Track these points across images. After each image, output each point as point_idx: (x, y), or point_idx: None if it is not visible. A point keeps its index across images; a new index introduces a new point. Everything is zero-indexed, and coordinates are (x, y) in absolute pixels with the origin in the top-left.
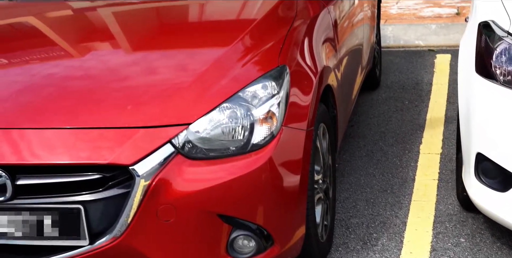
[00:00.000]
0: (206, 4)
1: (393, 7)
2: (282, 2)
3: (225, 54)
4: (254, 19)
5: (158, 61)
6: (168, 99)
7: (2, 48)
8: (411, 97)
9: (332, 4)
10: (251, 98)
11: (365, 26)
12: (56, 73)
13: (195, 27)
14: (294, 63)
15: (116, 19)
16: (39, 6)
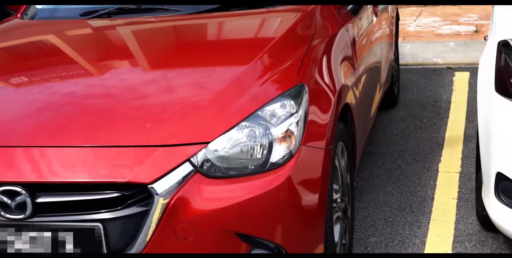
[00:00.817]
0: (225, 23)
1: (411, 25)
2: (301, 21)
3: (244, 73)
4: (273, 37)
5: (177, 79)
6: (187, 118)
7: (23, 66)
8: (429, 115)
9: (351, 22)
10: (269, 117)
11: (383, 44)
12: (76, 91)
13: (213, 45)
14: (312, 82)
15: (135, 38)
16: (59, 24)
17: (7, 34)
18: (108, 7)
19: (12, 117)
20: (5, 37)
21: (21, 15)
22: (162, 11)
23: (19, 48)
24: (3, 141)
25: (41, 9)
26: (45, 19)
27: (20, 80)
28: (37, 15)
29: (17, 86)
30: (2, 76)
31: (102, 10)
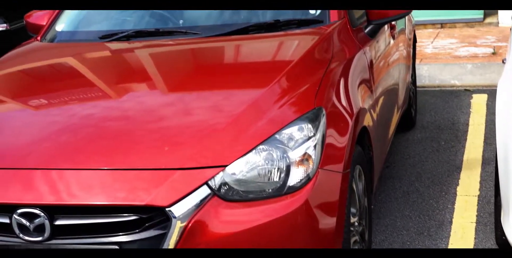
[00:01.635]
0: (243, 45)
1: (428, 47)
2: (318, 44)
3: (262, 96)
4: (291, 60)
5: (194, 102)
6: (204, 141)
7: (42, 88)
8: (447, 137)
9: (368, 45)
10: (287, 140)
11: (400, 66)
12: (94, 113)
13: (231, 68)
14: (330, 105)
15: (153, 61)
16: (78, 47)
17: (27, 56)
18: (127, 30)
19: (30, 139)
20: (24, 60)
21: (41, 38)
22: (180, 34)
23: (38, 71)
24: (22, 163)
25: (61, 32)
26: (64, 42)
27: (39, 102)
28: (57, 38)
29: (36, 108)
30: (21, 98)
31: (121, 33)
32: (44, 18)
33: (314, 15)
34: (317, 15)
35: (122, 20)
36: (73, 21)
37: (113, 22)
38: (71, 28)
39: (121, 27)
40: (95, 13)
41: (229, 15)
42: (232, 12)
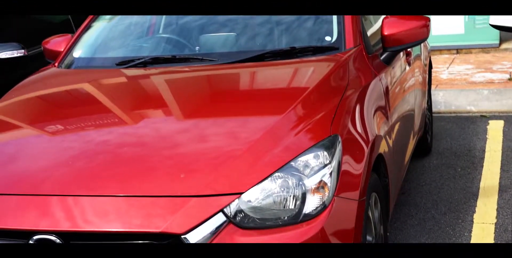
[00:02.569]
0: (259, 72)
1: (444, 72)
2: (334, 71)
3: (277, 123)
4: (307, 87)
5: (210, 128)
6: (220, 168)
7: (59, 114)
8: (463, 164)
9: (384, 72)
10: (303, 168)
11: (416, 92)
12: (110, 140)
13: (247, 95)
14: (346, 132)
15: (169, 87)
16: (95, 73)
17: (44, 82)
18: (143, 57)
19: (47, 165)
20: (42, 85)
21: (58, 64)
22: (196, 61)
23: (55, 97)
24: (38, 189)
25: (78, 58)
26: (81, 68)
27: (56, 128)
28: (74, 64)
29: (53, 134)
30: (38, 124)
31: (138, 60)
32: (62, 44)
33: (330, 42)
34: (333, 42)
35: (139, 46)
36: (90, 47)
37: (129, 49)
38: (89, 55)
39: (137, 53)
40: (112, 39)
41: (245, 42)
42: (248, 38)
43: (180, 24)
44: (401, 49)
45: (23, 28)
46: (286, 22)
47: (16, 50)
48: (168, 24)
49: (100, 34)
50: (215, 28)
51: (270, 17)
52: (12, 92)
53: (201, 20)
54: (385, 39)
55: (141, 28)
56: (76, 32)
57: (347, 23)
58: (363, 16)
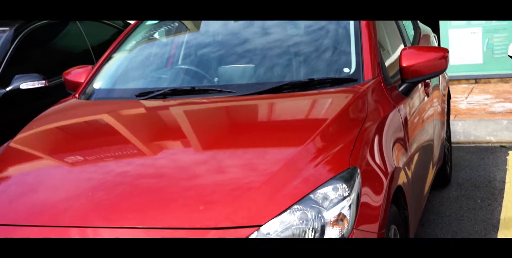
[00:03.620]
0: (277, 104)
1: (463, 102)
2: (353, 103)
3: (296, 155)
4: (325, 119)
5: (229, 160)
6: (239, 200)
7: (78, 145)
8: (483, 195)
9: (402, 103)
10: (322, 200)
11: (435, 122)
12: (129, 171)
13: (266, 126)
14: (364, 164)
15: (187, 118)
16: (115, 104)
17: (65, 113)
18: (163, 88)
19: (66, 196)
20: (62, 116)
21: (79, 95)
22: (215, 92)
23: (75, 128)
24: (57, 220)
25: (98, 90)
26: (101, 99)
27: (75, 159)
28: (94, 95)
29: (72, 165)
30: (58, 154)
31: (157, 91)
32: (82, 75)
33: (348, 74)
34: (351, 73)
35: (158, 77)
36: (110, 78)
37: (149, 80)
38: (109, 86)
39: (157, 85)
40: (132, 70)
41: (264, 73)
42: (266, 70)
43: (199, 55)
44: (420, 81)
45: (44, 59)
46: (304, 53)
47: (37, 81)
48: (187, 55)
49: (120, 65)
50: (233, 59)
51: (288, 48)
52: (33, 122)
53: (219, 51)
54: (404, 71)
55: (161, 59)
56: (97, 64)
57: (365, 54)
58: (381, 46)
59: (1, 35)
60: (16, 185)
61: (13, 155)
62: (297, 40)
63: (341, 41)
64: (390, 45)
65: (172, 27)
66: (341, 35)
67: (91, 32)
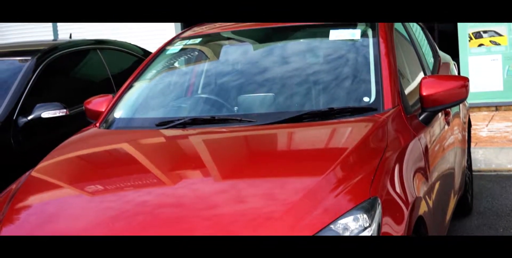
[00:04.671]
0: (297, 133)
1: (483, 130)
2: (373, 132)
3: (317, 185)
4: (345, 148)
5: (249, 189)
6: (259, 230)
7: (98, 174)
8: (505, 224)
9: (423, 132)
10: (342, 231)
11: (456, 150)
12: (149, 200)
13: (285, 155)
14: (385, 194)
15: (207, 148)
16: (135, 134)
17: (85, 142)
18: (183, 118)
19: (86, 225)
20: (83, 146)
21: (99, 124)
22: (235, 122)
23: (95, 157)
24: None
25: (119, 119)
26: (122, 129)
27: (96, 188)
28: (115, 125)
29: (92, 194)
30: (78, 183)
31: (177, 121)
32: (103, 104)
33: (368, 103)
34: (371, 103)
35: (178, 107)
36: (131, 107)
37: (169, 109)
38: (129, 115)
39: (176, 114)
40: (152, 99)
41: (283, 102)
42: (286, 99)
43: (218, 84)
44: (440, 110)
45: (65, 87)
46: (324, 81)
47: (58, 109)
48: (207, 84)
49: (140, 94)
50: (253, 88)
51: (307, 77)
52: (54, 152)
53: (239, 80)
54: (424, 100)
55: (180, 87)
56: (117, 93)
57: (385, 83)
58: (400, 74)
59: (23, 64)
60: (37, 215)
61: (34, 184)
62: (317, 68)
63: (361, 70)
64: (410, 73)
65: (192, 55)
66: (361, 64)
67: (111, 60)
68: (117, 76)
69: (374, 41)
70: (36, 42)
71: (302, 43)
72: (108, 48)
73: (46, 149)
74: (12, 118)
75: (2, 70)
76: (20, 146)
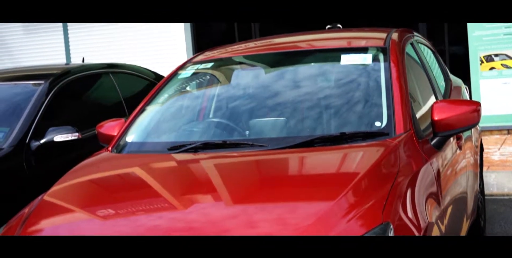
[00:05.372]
0: (308, 158)
1: (496, 154)
2: (384, 157)
3: (329, 210)
4: (357, 173)
5: (259, 214)
6: None
7: (110, 198)
8: None
9: (434, 157)
10: None
11: (468, 174)
12: (160, 225)
13: (297, 180)
14: (397, 220)
15: (218, 172)
16: (146, 158)
17: (97, 166)
18: (195, 142)
19: None
20: (95, 170)
21: (112, 148)
22: (247, 146)
23: (107, 181)
24: None
25: (131, 143)
26: (134, 153)
27: (107, 212)
28: (127, 149)
29: (104, 218)
30: (90, 208)
31: (189, 145)
32: (115, 128)
33: (380, 128)
34: (383, 127)
35: (190, 131)
36: (143, 131)
37: (180, 133)
38: (141, 139)
39: (188, 138)
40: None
41: (295, 126)
42: (297, 123)
43: (230, 108)
44: (452, 134)
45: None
46: (335, 106)
47: (70, 133)
48: (218, 108)
49: (152, 118)
50: (264, 112)
51: (318, 101)
52: (66, 176)
53: (250, 104)
54: (436, 124)
55: (192, 112)
56: (129, 117)
57: (396, 108)
58: (412, 98)
59: (37, 87)
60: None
61: (47, 208)
62: (328, 93)
63: (372, 94)
64: (421, 97)
65: (204, 80)
66: (372, 88)
67: (123, 84)
68: (129, 99)
69: (385, 66)
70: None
71: (313, 67)
72: (120, 71)
73: (58, 172)
74: (25, 142)
75: (15, 94)
76: (33, 170)
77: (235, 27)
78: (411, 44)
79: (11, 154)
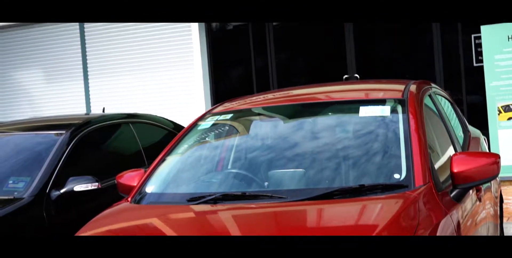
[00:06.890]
0: (327, 209)
1: None
2: (404, 210)
3: None
4: (376, 225)
5: None
6: None
7: None
8: None
9: (454, 210)
10: None
11: (488, 225)
12: None
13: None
14: None
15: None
16: (165, 209)
17: (117, 217)
18: (214, 193)
19: None
20: (114, 220)
21: (131, 199)
22: (266, 198)
23: (126, 232)
24: None
25: (150, 194)
26: (153, 204)
27: None
28: (146, 199)
29: None
30: None
31: (208, 196)
32: (135, 179)
33: (399, 180)
34: (402, 180)
35: (209, 182)
36: (162, 182)
37: (199, 184)
38: (160, 190)
39: (207, 189)
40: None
41: (313, 178)
42: (316, 174)
43: (248, 159)
44: (472, 187)
45: (98, 160)
46: (354, 157)
47: (90, 183)
48: (237, 159)
49: (172, 169)
50: (283, 163)
51: (337, 152)
52: (86, 226)
53: (269, 155)
54: (455, 177)
55: (211, 162)
56: (149, 168)
57: (415, 160)
58: (431, 149)
59: (58, 137)
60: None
61: None
62: (347, 144)
63: (391, 146)
64: (440, 148)
65: (223, 130)
66: (391, 140)
67: (143, 134)
68: (148, 149)
69: (403, 117)
70: (70, 116)
71: (331, 119)
72: (139, 121)
73: (78, 222)
74: (45, 192)
75: (37, 143)
76: (53, 220)
77: (253, 74)
78: (429, 96)
79: (31, 203)
